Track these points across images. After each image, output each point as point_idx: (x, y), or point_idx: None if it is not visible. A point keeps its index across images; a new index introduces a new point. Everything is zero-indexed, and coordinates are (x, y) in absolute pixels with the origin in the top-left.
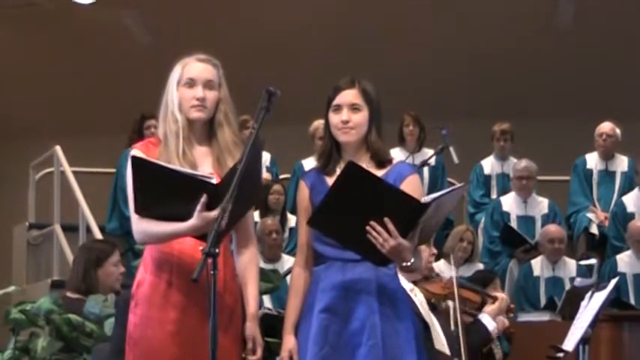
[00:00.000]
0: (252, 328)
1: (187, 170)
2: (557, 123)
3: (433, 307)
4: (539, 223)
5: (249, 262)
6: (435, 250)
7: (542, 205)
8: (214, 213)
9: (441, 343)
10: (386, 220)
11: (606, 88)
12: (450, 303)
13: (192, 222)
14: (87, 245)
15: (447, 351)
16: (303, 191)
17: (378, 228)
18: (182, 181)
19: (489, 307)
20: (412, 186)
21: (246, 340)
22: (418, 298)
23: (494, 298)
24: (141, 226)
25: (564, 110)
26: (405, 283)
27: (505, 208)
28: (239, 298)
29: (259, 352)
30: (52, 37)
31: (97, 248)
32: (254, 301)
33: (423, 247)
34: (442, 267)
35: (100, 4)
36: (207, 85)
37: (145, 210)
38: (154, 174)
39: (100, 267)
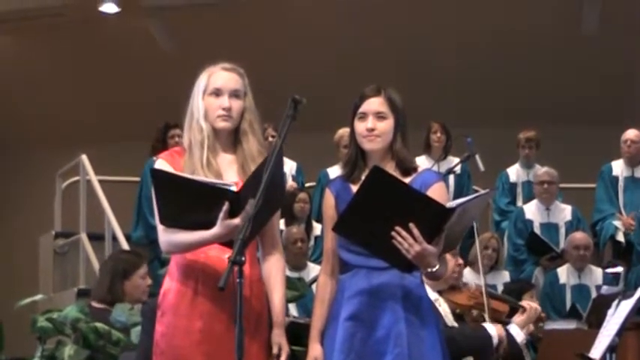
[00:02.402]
0: (278, 335)
1: (206, 179)
2: (583, 130)
3: (458, 318)
4: (562, 230)
5: (275, 269)
6: (461, 261)
7: (565, 212)
8: (237, 220)
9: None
10: (411, 225)
11: (631, 95)
12: (477, 312)
13: (215, 230)
14: (114, 256)
15: None
16: (329, 199)
17: (403, 233)
18: (202, 190)
19: (518, 318)
20: (438, 193)
21: (272, 347)
22: (442, 308)
23: (524, 308)
24: (166, 237)
25: (589, 117)
26: (430, 293)
27: (528, 216)
28: (265, 304)
29: (284, 357)
30: (78, 47)
31: (124, 260)
32: (280, 308)
33: (448, 257)
34: (468, 275)
35: (126, 13)
36: (233, 94)
37: (169, 220)
38: (174, 185)
39: (126, 279)
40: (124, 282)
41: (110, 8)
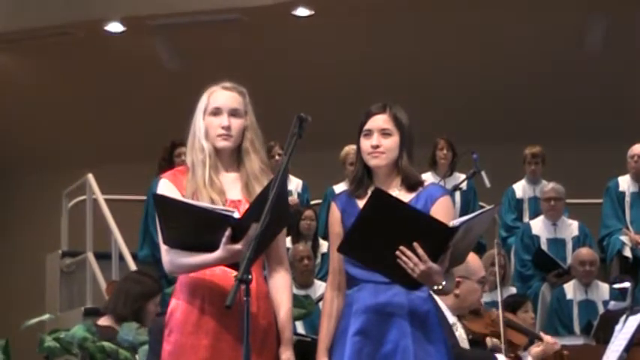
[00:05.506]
0: (286, 353)
1: (209, 205)
2: (589, 145)
3: (472, 344)
4: (569, 246)
5: (282, 287)
6: (486, 288)
7: (572, 227)
8: (239, 245)
9: None
10: (415, 244)
11: (633, 111)
12: (495, 340)
13: (218, 254)
14: (135, 278)
15: None
16: (335, 214)
17: (408, 253)
18: (204, 216)
19: (534, 349)
20: (443, 207)
21: None
22: (459, 333)
23: (541, 340)
24: (170, 257)
25: (595, 133)
26: (449, 317)
27: (535, 231)
28: (272, 321)
29: None
30: (83, 65)
31: (147, 284)
32: (288, 325)
33: (475, 285)
34: None
35: (130, 32)
36: (233, 113)
37: (172, 242)
38: (177, 210)
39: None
40: (147, 304)
41: (115, 27)
